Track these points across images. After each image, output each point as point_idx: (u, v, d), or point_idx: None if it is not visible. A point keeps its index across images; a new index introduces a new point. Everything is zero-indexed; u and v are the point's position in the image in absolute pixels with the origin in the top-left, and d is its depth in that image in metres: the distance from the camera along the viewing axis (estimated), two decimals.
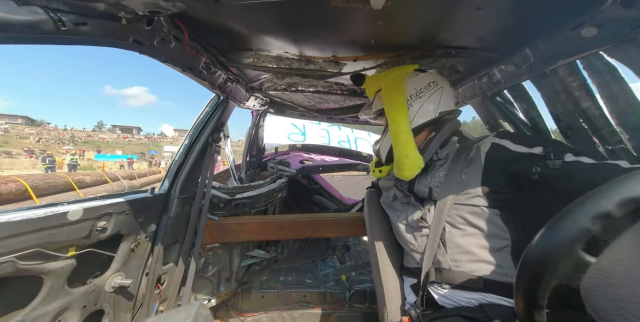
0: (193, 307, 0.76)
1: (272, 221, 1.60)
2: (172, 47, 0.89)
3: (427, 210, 0.91)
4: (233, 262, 1.69)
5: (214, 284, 1.56)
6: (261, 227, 1.56)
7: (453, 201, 0.85)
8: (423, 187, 0.95)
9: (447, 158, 0.95)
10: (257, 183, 1.92)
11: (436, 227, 0.86)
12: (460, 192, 0.85)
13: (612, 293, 0.31)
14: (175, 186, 1.27)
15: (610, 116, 0.84)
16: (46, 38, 0.62)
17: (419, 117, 0.99)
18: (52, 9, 0.60)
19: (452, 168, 0.89)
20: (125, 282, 1.03)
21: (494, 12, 0.78)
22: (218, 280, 1.58)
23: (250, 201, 1.70)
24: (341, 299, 1.69)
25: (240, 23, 0.90)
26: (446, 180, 0.89)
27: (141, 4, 0.70)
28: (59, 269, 0.83)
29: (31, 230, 0.76)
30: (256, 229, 1.55)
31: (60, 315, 0.85)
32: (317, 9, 0.77)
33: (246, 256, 1.83)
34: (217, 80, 1.23)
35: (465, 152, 0.90)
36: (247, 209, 1.70)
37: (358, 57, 1.10)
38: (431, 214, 0.89)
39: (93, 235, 0.92)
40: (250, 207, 1.72)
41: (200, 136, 1.34)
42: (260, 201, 1.82)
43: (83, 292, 0.93)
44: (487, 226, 0.82)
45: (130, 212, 1.05)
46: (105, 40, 0.72)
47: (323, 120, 2.54)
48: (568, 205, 0.38)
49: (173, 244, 1.29)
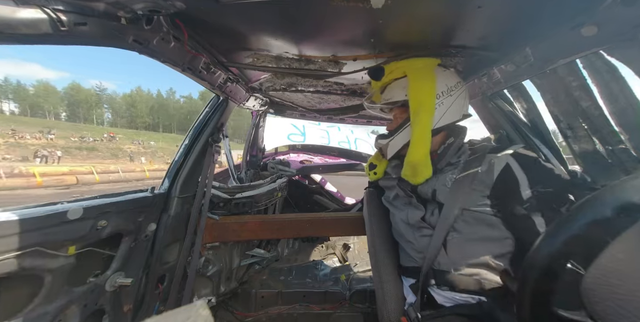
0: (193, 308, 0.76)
1: (271, 220, 1.60)
2: (171, 47, 0.89)
3: (430, 212, 0.91)
4: (233, 261, 1.68)
5: (214, 283, 1.56)
6: (261, 227, 1.56)
7: (461, 206, 0.84)
8: (427, 188, 0.94)
9: (457, 163, 0.93)
10: (257, 183, 1.92)
11: (440, 229, 0.85)
12: (468, 198, 0.84)
13: (612, 293, 0.31)
14: (175, 186, 1.27)
15: (610, 116, 0.84)
16: (45, 38, 0.61)
17: (446, 118, 0.92)
18: (51, 8, 0.60)
19: (462, 175, 0.88)
20: (125, 281, 1.03)
21: (494, 11, 0.78)
22: (218, 279, 1.58)
23: (250, 201, 1.69)
24: (341, 299, 1.69)
25: (240, 23, 0.90)
26: (455, 185, 0.88)
27: (141, 4, 0.70)
28: (59, 267, 0.83)
29: (31, 229, 0.75)
30: (256, 228, 1.55)
31: (60, 314, 0.85)
32: (317, 8, 0.77)
33: (246, 255, 1.82)
34: (217, 81, 1.23)
35: (477, 163, 0.88)
36: (247, 208, 1.70)
37: (358, 57, 1.10)
38: (434, 216, 0.89)
39: (93, 234, 0.92)
40: (250, 206, 1.72)
41: (200, 136, 1.34)
42: (260, 200, 1.82)
43: (84, 291, 0.92)
44: (491, 232, 0.82)
45: (130, 211, 1.05)
46: (104, 40, 0.72)
47: (323, 121, 2.54)
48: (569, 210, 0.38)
49: (173, 243, 1.29)
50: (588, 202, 0.37)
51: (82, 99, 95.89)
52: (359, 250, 2.37)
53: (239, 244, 1.72)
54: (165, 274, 1.27)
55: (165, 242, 1.22)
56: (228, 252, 1.65)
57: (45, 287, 0.81)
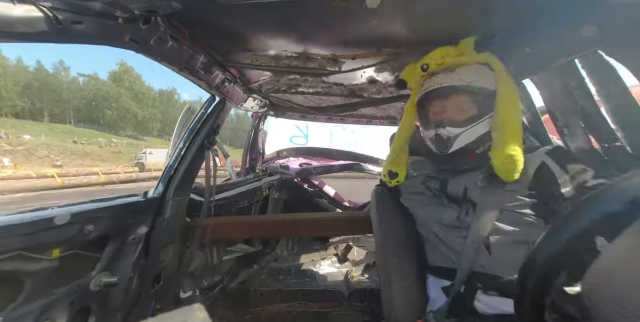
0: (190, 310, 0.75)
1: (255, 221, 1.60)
2: (169, 47, 0.88)
3: (464, 211, 0.87)
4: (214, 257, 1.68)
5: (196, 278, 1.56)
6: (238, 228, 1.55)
7: (497, 206, 0.81)
8: (458, 187, 0.89)
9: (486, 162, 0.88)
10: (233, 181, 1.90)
11: (478, 229, 0.81)
12: (504, 199, 0.81)
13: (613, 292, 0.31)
14: (169, 189, 1.26)
15: (607, 114, 0.84)
16: (41, 36, 0.61)
17: None
18: (48, 6, 0.59)
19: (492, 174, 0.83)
20: (110, 281, 1.02)
21: (494, 11, 0.78)
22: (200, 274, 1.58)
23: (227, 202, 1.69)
24: (340, 298, 1.70)
25: (237, 22, 0.90)
26: (490, 184, 0.84)
27: (137, 3, 0.70)
28: (41, 270, 0.82)
29: (15, 234, 0.74)
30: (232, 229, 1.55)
31: (44, 313, 0.84)
32: (315, 7, 0.77)
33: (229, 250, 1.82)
34: (215, 81, 1.22)
35: None
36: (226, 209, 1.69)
37: (357, 55, 1.10)
38: (469, 216, 0.85)
39: (79, 237, 0.91)
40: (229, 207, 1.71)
41: (196, 138, 1.32)
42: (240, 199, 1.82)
43: (67, 291, 0.91)
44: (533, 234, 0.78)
45: (120, 216, 1.04)
46: (101, 39, 0.72)
47: (323, 121, 2.54)
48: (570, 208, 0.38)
49: (168, 244, 1.28)
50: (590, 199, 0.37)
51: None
52: (358, 251, 2.36)
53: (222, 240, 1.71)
54: (161, 274, 1.26)
55: (161, 243, 1.21)
56: (208, 249, 1.64)
57: (26, 289, 0.80)
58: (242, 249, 1.87)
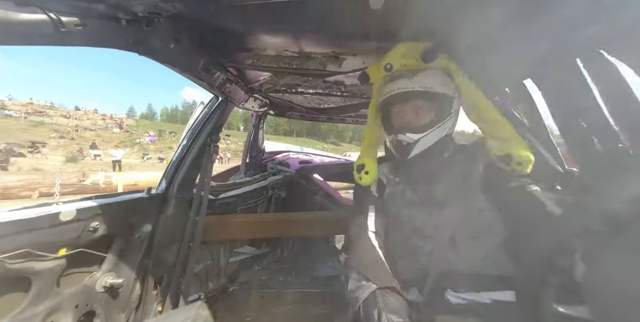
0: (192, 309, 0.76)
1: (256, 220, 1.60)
2: (171, 48, 0.89)
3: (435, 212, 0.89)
4: (220, 258, 1.69)
5: (202, 280, 1.57)
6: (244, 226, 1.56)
7: (460, 203, 0.85)
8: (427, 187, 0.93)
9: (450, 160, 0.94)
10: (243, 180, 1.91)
11: (445, 229, 0.85)
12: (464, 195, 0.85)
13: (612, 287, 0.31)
14: (172, 186, 1.27)
15: (609, 116, 0.84)
16: (45, 39, 0.62)
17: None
18: (51, 9, 0.60)
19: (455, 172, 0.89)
20: (116, 282, 1.02)
21: (495, 11, 0.78)
22: (206, 276, 1.59)
23: (234, 200, 1.70)
24: (340, 299, 1.69)
25: (239, 23, 0.90)
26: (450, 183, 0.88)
27: (140, 5, 0.70)
28: (48, 269, 0.83)
29: (22, 230, 0.75)
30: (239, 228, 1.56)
31: (50, 315, 0.84)
32: (316, 6, 0.77)
33: (235, 252, 1.83)
34: (216, 81, 1.23)
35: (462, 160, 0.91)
36: (232, 207, 1.70)
37: (358, 53, 1.10)
38: (438, 216, 0.87)
39: (85, 235, 0.91)
40: (235, 205, 1.72)
41: (199, 137, 1.34)
42: (247, 198, 1.82)
43: (73, 292, 0.92)
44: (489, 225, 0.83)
45: (125, 213, 1.05)
46: (104, 42, 0.72)
47: (323, 121, 2.53)
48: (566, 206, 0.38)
49: (171, 243, 1.29)
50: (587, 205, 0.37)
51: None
52: None
53: (226, 242, 1.73)
54: (163, 275, 1.27)
55: (163, 242, 1.22)
56: (215, 250, 1.65)
57: (34, 289, 0.80)
58: (248, 251, 1.87)
